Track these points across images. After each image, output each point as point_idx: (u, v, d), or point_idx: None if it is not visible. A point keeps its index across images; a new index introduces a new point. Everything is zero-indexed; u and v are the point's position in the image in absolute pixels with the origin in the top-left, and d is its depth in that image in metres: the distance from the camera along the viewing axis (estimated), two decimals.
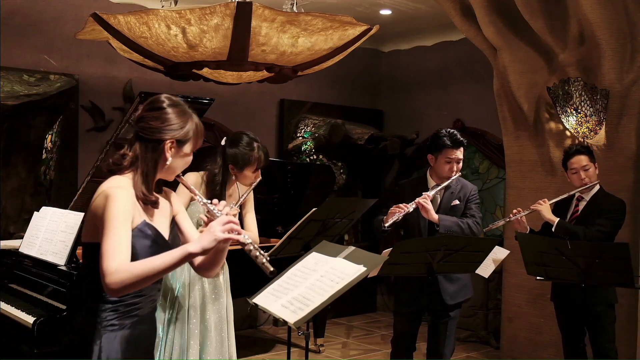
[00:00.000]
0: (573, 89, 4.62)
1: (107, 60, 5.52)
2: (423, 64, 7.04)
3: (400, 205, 3.61)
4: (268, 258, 1.99)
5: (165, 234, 2.12)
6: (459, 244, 3.35)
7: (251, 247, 1.99)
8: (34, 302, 3.63)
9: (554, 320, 4.07)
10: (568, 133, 4.73)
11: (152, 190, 2.07)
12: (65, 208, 3.91)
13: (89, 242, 2.05)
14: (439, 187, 3.71)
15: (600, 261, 3.23)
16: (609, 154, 4.58)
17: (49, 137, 5.41)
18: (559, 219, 3.79)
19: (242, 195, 3.40)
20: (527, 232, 3.85)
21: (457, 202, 3.78)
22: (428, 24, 6.50)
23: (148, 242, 2.01)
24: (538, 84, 4.87)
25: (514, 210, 3.89)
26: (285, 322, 2.28)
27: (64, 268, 3.57)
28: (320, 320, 5.67)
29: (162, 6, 4.40)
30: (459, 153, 3.69)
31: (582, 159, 3.84)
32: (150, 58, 4.16)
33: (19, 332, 3.48)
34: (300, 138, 6.89)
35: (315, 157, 6.99)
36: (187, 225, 2.22)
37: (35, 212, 3.96)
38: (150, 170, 2.05)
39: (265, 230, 5.31)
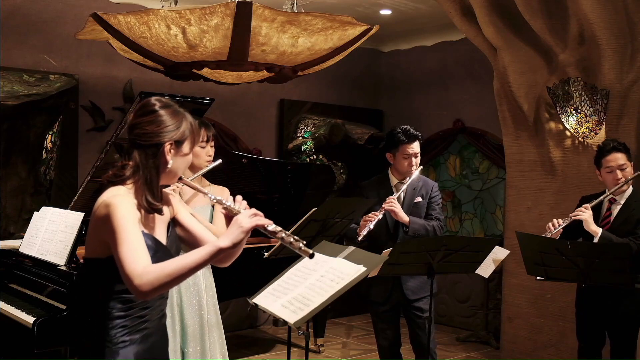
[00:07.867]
0: (573, 89, 4.61)
1: (107, 60, 5.52)
2: (423, 64, 7.03)
3: (370, 214, 3.65)
4: (304, 242, 1.93)
5: (163, 239, 2.07)
6: (459, 244, 3.38)
7: (283, 235, 1.93)
8: (34, 302, 3.63)
9: (554, 320, 4.05)
10: (568, 133, 4.72)
11: (158, 197, 2.02)
12: (65, 208, 3.91)
13: (93, 258, 1.98)
14: (404, 187, 3.76)
15: (600, 261, 3.22)
16: None
17: (49, 137, 5.41)
18: (602, 229, 3.53)
19: (200, 172, 3.30)
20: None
21: (419, 199, 3.84)
22: (428, 24, 6.49)
23: (150, 252, 1.94)
24: (538, 84, 4.87)
25: (554, 221, 3.57)
26: (285, 322, 2.27)
27: (64, 268, 3.57)
28: (320, 320, 5.67)
29: (162, 6, 4.40)
30: (415, 147, 3.77)
31: (620, 157, 3.57)
32: (150, 58, 4.16)
33: (19, 332, 3.48)
34: (300, 138, 6.89)
35: (315, 157, 6.99)
36: (191, 222, 2.17)
37: (35, 212, 3.96)
38: (154, 177, 2.00)
39: None
